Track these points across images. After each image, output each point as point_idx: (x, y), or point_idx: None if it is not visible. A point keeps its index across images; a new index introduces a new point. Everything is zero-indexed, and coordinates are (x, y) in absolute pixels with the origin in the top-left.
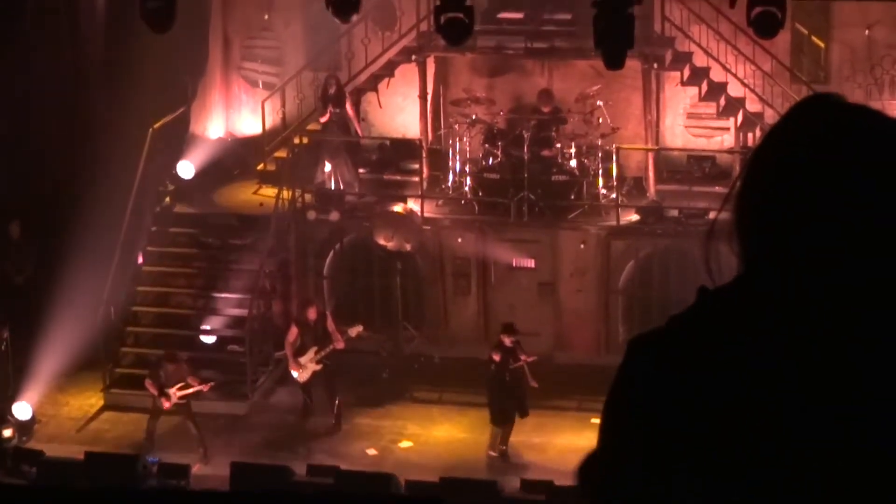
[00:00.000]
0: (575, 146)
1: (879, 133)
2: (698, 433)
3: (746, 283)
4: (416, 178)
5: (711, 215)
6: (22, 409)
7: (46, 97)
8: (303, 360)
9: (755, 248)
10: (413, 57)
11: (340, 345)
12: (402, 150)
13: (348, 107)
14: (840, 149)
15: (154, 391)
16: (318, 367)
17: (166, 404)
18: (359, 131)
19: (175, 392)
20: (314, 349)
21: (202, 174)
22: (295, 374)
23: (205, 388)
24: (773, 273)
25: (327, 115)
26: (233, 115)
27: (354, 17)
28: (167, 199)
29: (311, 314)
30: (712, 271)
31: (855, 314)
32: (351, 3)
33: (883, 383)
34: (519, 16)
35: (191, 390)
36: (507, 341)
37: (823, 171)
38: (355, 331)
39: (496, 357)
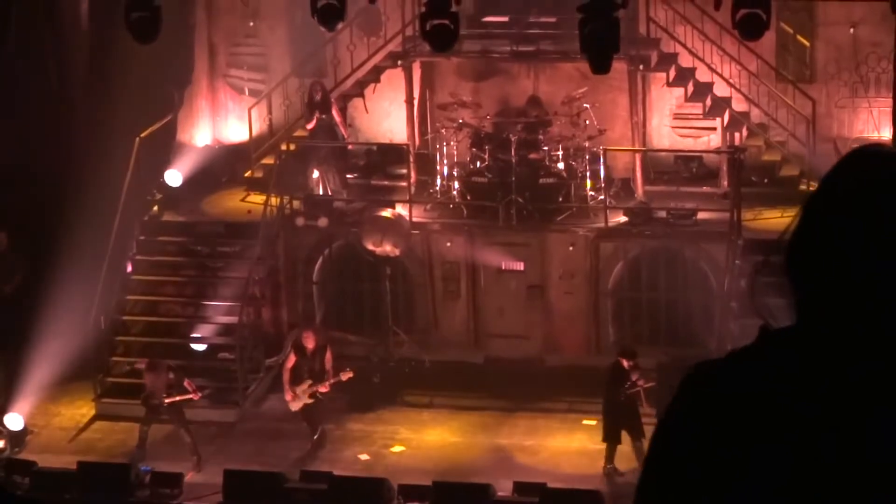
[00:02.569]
0: (562, 149)
1: None
2: (753, 473)
3: (810, 328)
4: (404, 183)
5: (700, 215)
6: (13, 420)
7: (32, 108)
8: (298, 389)
9: (814, 293)
10: (399, 62)
11: (325, 389)
12: (390, 155)
13: (334, 112)
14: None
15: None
16: (310, 401)
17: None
18: (345, 136)
19: (168, 402)
20: (308, 382)
21: (190, 182)
22: (289, 401)
23: (195, 396)
24: (839, 318)
25: (314, 122)
26: (219, 122)
27: (340, 25)
28: (155, 207)
29: (309, 342)
30: (766, 319)
31: None
32: (336, 11)
33: None
34: (504, 19)
35: (179, 398)
36: (625, 363)
37: (883, 221)
38: (346, 375)
39: (612, 377)
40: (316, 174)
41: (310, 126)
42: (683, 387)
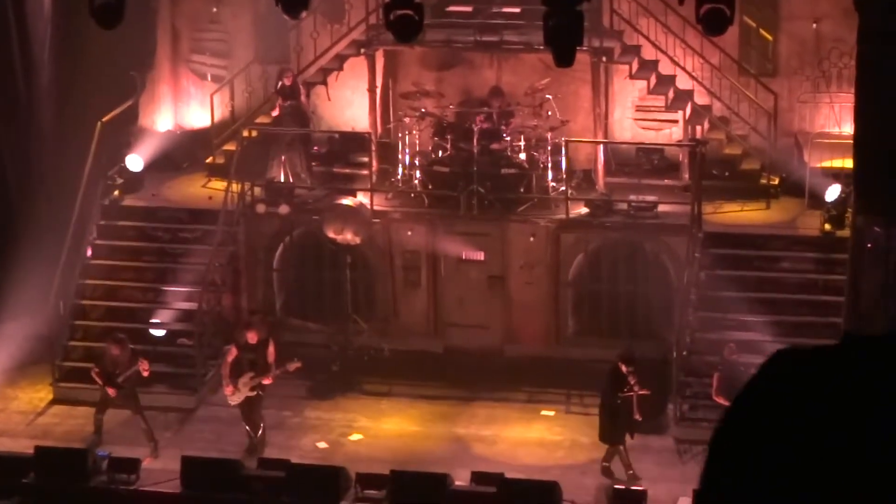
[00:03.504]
0: (524, 139)
1: None
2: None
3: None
4: (366, 172)
5: (661, 208)
6: None
7: None
8: (240, 382)
9: None
10: (362, 50)
11: (268, 381)
12: (352, 143)
13: (303, 99)
14: None
15: (100, 381)
16: (252, 394)
17: (112, 392)
18: (311, 123)
19: (122, 380)
20: (250, 374)
21: (151, 167)
22: (228, 394)
23: (145, 371)
24: None
25: (278, 108)
26: (181, 107)
27: (304, 14)
28: (116, 192)
29: (251, 338)
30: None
31: None
32: (300, 0)
33: None
34: (468, 9)
35: (131, 372)
36: (624, 368)
37: None
38: (293, 366)
39: (611, 380)
40: (282, 159)
41: (275, 113)
42: (771, 371)
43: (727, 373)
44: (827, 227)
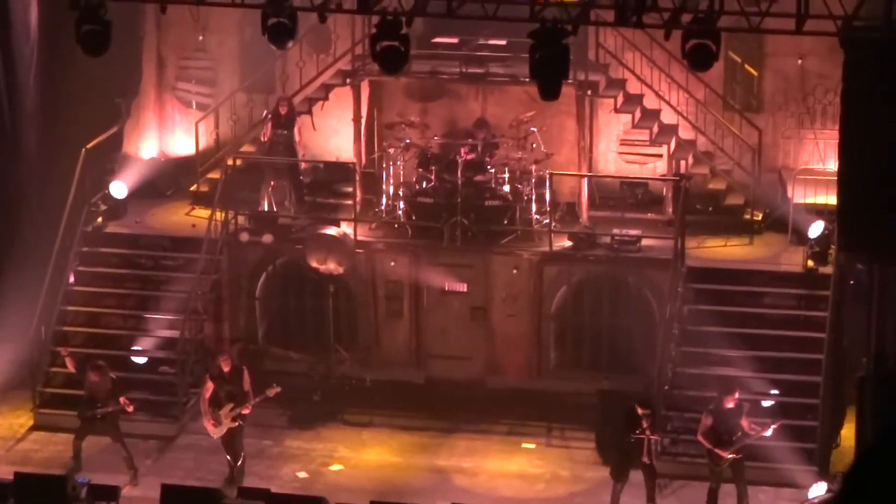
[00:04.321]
0: (508, 171)
1: None
2: None
3: None
4: (350, 201)
5: (644, 242)
6: None
7: None
8: (221, 413)
9: None
10: (347, 80)
11: (247, 410)
12: (336, 172)
13: (296, 130)
14: None
15: (72, 367)
16: (234, 425)
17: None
18: (299, 155)
19: (101, 414)
20: (230, 405)
21: (135, 194)
22: (210, 429)
23: (129, 408)
24: None
25: (268, 133)
26: (166, 135)
27: (290, 44)
28: (99, 218)
29: (225, 366)
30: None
31: None
32: (287, 30)
33: None
34: (454, 41)
35: (112, 409)
36: (640, 410)
37: None
38: (273, 392)
39: (625, 420)
40: (271, 186)
41: (264, 139)
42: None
43: (719, 419)
44: (810, 263)
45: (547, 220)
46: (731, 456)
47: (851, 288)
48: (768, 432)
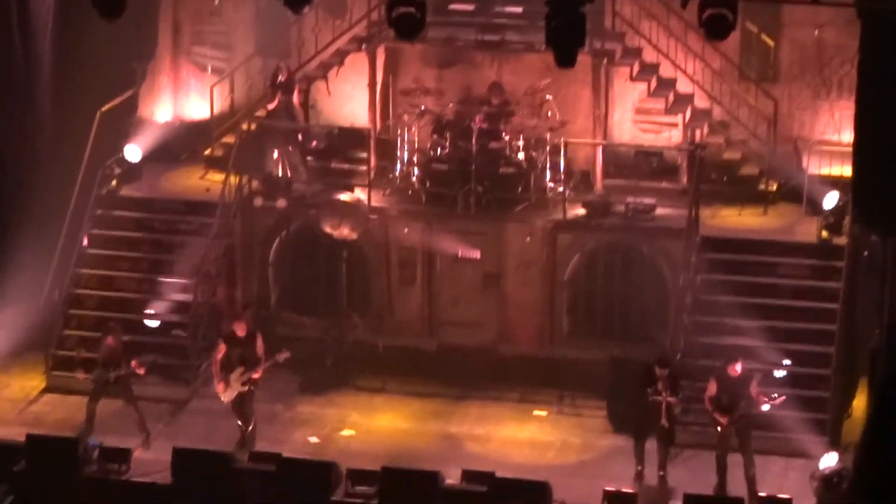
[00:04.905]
0: (523, 139)
1: None
2: None
3: None
4: (364, 168)
5: (658, 211)
6: None
7: None
8: (231, 377)
9: None
10: (363, 46)
11: (257, 375)
12: (350, 138)
13: (294, 95)
14: None
15: (142, 372)
16: (244, 389)
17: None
18: (300, 120)
19: (114, 378)
20: (241, 369)
21: (149, 158)
22: (220, 391)
23: (140, 371)
24: None
25: (276, 102)
26: (181, 99)
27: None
28: (113, 182)
29: (240, 330)
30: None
31: None
32: None
33: None
34: (470, 8)
35: (125, 372)
36: (657, 371)
37: None
38: (283, 356)
39: (642, 379)
40: (276, 154)
41: (271, 106)
42: None
43: (722, 386)
44: (824, 234)
45: (561, 189)
46: (725, 422)
47: (865, 259)
48: (765, 407)
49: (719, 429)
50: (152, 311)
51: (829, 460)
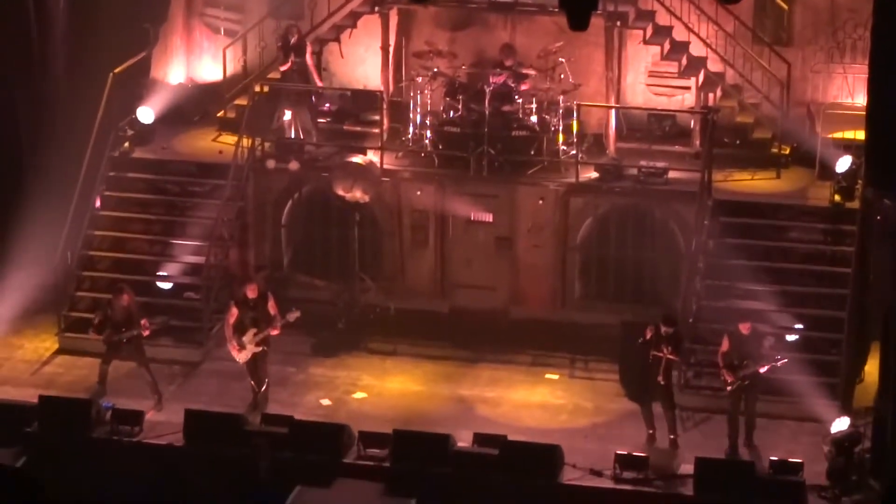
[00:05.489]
0: (536, 102)
1: None
2: None
3: None
4: (376, 130)
5: (671, 174)
6: None
7: (7, 43)
8: (245, 339)
9: None
10: (376, 8)
11: (276, 331)
12: (363, 101)
13: (308, 57)
14: None
15: (147, 332)
16: (258, 350)
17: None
18: (318, 81)
19: (125, 340)
20: (254, 330)
21: (162, 120)
22: (234, 354)
23: (145, 331)
24: None
25: (288, 64)
26: (194, 61)
27: None
28: (126, 143)
29: (251, 292)
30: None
31: None
32: None
33: None
34: None
35: (135, 332)
36: (662, 329)
37: None
38: (293, 315)
39: (647, 334)
40: (287, 116)
41: (283, 68)
42: None
43: (734, 343)
44: (837, 198)
45: (574, 152)
46: (730, 379)
47: (878, 223)
48: (763, 369)
49: (728, 388)
50: (165, 273)
51: (840, 424)
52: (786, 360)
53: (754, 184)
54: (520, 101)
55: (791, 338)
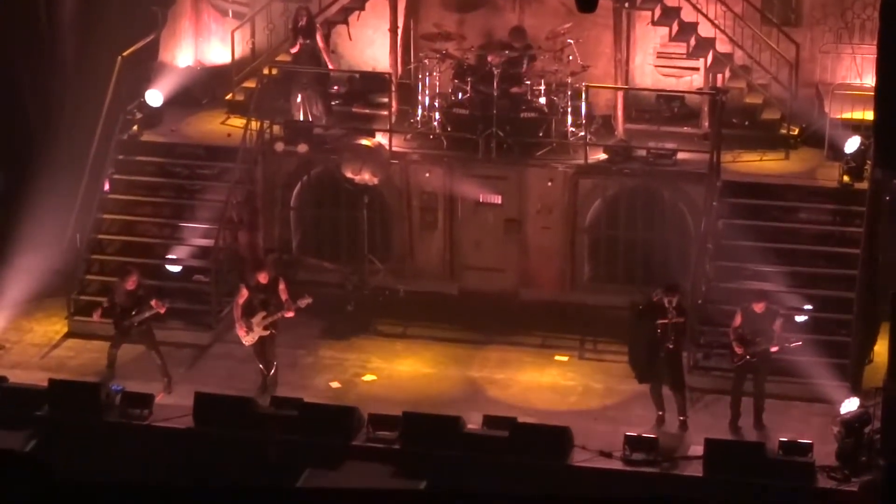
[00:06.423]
0: (544, 83)
1: None
2: None
3: None
4: (385, 112)
5: (680, 156)
6: None
7: (16, 26)
8: (253, 321)
9: None
10: None
11: (290, 314)
12: (372, 83)
13: (318, 39)
14: None
15: (104, 315)
16: (266, 333)
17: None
18: (329, 64)
19: (137, 321)
20: (262, 313)
21: (170, 102)
22: (241, 336)
23: (161, 309)
24: None
25: (297, 47)
26: (202, 43)
27: None
28: (135, 126)
29: (263, 279)
30: None
31: None
32: None
33: None
34: None
35: (148, 314)
36: (665, 300)
37: None
38: (304, 302)
39: (651, 300)
40: (298, 99)
41: (294, 50)
42: None
43: (747, 319)
44: (845, 178)
45: (582, 133)
46: (741, 352)
47: (887, 204)
48: (774, 348)
49: (735, 361)
50: (174, 257)
51: (850, 405)
52: (800, 343)
53: (763, 165)
54: (528, 82)
55: (800, 318)
